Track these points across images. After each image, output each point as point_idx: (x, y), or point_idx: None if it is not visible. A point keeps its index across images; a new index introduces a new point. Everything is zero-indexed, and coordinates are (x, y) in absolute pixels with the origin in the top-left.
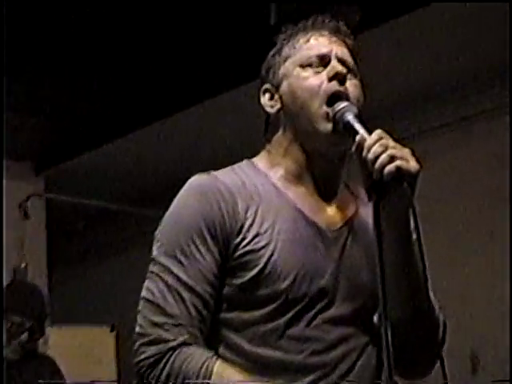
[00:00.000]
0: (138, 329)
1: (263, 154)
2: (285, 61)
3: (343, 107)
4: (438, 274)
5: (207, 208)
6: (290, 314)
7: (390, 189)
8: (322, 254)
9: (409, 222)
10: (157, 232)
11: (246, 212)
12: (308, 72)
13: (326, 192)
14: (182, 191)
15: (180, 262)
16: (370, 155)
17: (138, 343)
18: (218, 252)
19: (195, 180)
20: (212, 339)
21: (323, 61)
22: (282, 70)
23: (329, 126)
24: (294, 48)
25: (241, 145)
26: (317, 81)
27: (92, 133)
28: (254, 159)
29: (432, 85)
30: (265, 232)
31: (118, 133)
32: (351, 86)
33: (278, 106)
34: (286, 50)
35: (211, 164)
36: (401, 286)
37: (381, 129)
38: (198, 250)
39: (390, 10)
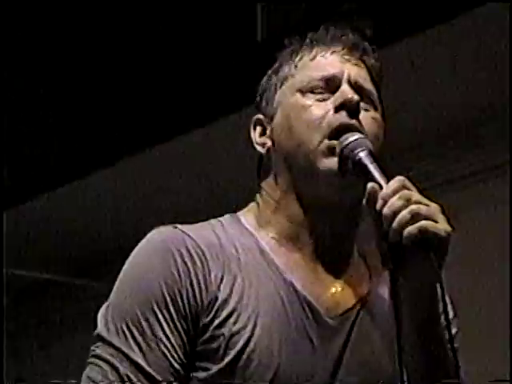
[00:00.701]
0: None
1: (252, 207)
2: (282, 84)
3: (354, 140)
4: None
5: (172, 272)
6: None
7: (411, 256)
8: (317, 348)
9: (435, 300)
10: (105, 304)
11: (221, 282)
12: (310, 99)
13: (331, 261)
14: (139, 248)
15: (136, 343)
16: (387, 210)
17: None
18: (185, 331)
19: (157, 234)
20: None
21: (331, 85)
22: (277, 96)
23: (332, 163)
24: (296, 67)
25: (210, 195)
26: (320, 111)
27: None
28: (240, 213)
29: (461, 118)
30: (242, 312)
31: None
32: (366, 119)
33: (269, 143)
34: (284, 70)
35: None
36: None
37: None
38: (161, 327)
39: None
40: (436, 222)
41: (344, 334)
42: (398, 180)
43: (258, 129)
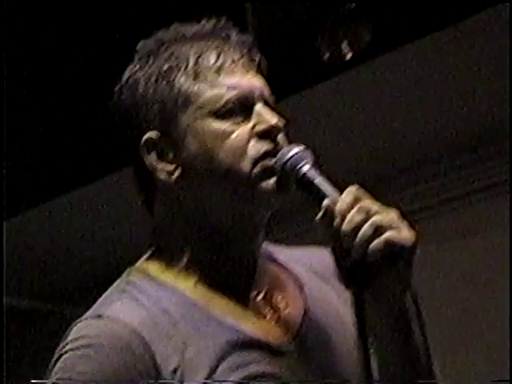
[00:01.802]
0: None
1: (158, 255)
2: (185, 103)
3: (295, 155)
4: None
5: (112, 375)
6: None
7: (378, 271)
8: (282, 375)
9: (406, 311)
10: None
11: (168, 363)
12: (227, 124)
13: (253, 283)
14: (69, 344)
15: None
16: (347, 227)
17: None
18: None
19: (86, 330)
20: None
21: (244, 105)
22: (183, 118)
23: (271, 183)
24: (195, 79)
25: None
26: (241, 137)
27: None
28: (144, 266)
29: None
30: (207, 378)
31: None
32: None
33: (179, 172)
34: (181, 81)
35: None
36: None
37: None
38: None
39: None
40: (400, 230)
41: (302, 358)
42: (352, 191)
43: (154, 153)
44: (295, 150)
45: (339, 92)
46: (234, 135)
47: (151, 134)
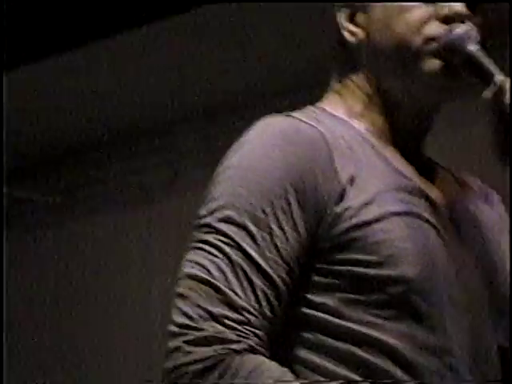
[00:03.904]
0: (180, 319)
1: (333, 98)
2: None
3: (462, 34)
4: None
5: (295, 162)
6: (412, 306)
7: None
8: (442, 236)
9: None
10: (211, 187)
11: (345, 173)
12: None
13: (417, 160)
14: (253, 135)
15: (250, 235)
16: None
17: (179, 340)
18: (306, 226)
19: (273, 122)
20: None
21: None
22: None
23: (437, 65)
24: None
25: None
26: (422, 14)
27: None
28: (323, 105)
29: None
30: (372, 201)
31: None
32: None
33: (362, 35)
34: None
35: None
36: None
37: None
38: (278, 220)
39: None
40: None
41: (455, 228)
42: None
43: (344, 15)
44: (464, 28)
45: None
46: (416, 11)
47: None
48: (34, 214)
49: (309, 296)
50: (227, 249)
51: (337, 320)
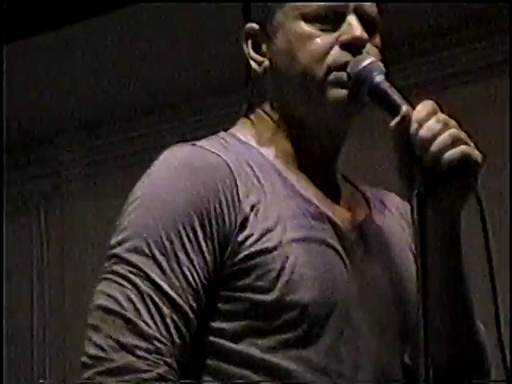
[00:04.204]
0: (92, 350)
1: (244, 124)
2: (283, 3)
3: (368, 64)
4: None
5: (200, 192)
6: (309, 330)
7: (444, 182)
8: (344, 259)
9: (459, 228)
10: (120, 218)
11: (248, 201)
12: (314, 29)
13: (327, 183)
14: (159, 165)
15: (158, 264)
16: (426, 133)
17: (91, 371)
18: (212, 253)
19: (179, 152)
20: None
21: (336, 15)
22: (278, 16)
23: (342, 93)
24: None
25: None
26: (325, 43)
27: None
28: (234, 131)
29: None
30: (273, 228)
31: None
32: (370, 49)
33: (267, 64)
34: None
35: None
36: (445, 318)
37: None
38: (185, 248)
39: None
40: (473, 148)
41: (361, 248)
42: (429, 103)
43: (250, 42)
44: (368, 60)
45: None
46: (317, 40)
47: (251, 26)
48: None
49: (212, 323)
50: (136, 279)
51: (236, 346)
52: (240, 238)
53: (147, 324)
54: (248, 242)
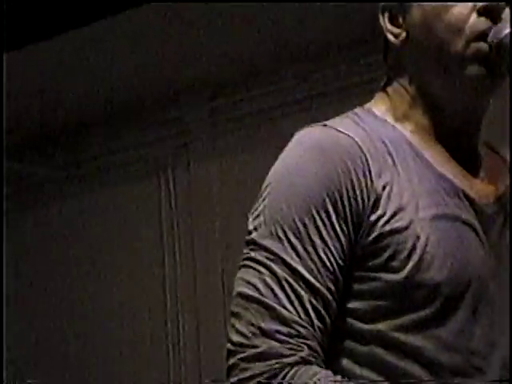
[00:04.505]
0: (235, 337)
1: (381, 98)
2: None
3: (508, 34)
4: None
5: (332, 174)
6: (442, 309)
7: None
8: (479, 235)
9: None
10: (256, 203)
11: (381, 180)
12: None
13: (466, 155)
14: (291, 149)
15: (293, 248)
16: None
17: (236, 357)
18: (346, 234)
19: (310, 134)
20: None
21: None
22: None
23: (481, 71)
24: None
25: None
26: (461, 12)
27: None
28: (369, 105)
29: None
30: (405, 207)
31: None
32: (507, 16)
33: (404, 36)
34: None
35: None
36: None
37: None
38: (319, 231)
39: None
40: None
41: (499, 223)
42: None
43: (387, 15)
44: (508, 29)
45: None
46: (454, 10)
47: (388, 3)
48: (38, 189)
49: (346, 303)
50: (272, 265)
51: (367, 326)
52: (372, 217)
53: (286, 309)
54: (380, 222)
